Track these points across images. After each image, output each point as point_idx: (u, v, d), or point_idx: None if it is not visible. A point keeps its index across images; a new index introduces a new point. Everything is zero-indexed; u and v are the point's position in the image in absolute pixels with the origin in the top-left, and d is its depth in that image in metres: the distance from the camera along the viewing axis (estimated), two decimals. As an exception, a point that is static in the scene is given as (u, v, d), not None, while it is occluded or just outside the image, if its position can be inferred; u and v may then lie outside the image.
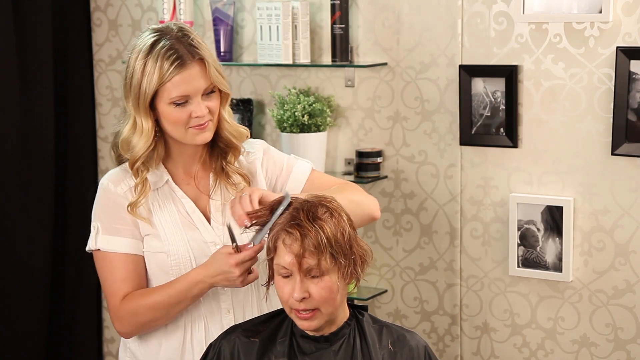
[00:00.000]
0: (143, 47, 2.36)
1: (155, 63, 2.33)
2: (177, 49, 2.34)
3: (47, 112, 3.84)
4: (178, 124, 2.37)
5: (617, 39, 3.02)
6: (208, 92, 2.38)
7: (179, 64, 2.33)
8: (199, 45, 2.36)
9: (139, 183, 2.43)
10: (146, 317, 2.41)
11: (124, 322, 2.43)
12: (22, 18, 3.72)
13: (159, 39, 2.36)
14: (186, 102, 2.36)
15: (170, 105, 2.36)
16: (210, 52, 2.39)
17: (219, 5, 3.59)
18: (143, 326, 2.44)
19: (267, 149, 2.57)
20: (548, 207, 3.18)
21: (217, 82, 2.38)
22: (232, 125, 2.45)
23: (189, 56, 2.34)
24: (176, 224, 2.44)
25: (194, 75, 2.35)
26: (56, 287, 3.97)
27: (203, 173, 2.49)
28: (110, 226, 2.44)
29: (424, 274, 3.44)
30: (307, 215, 2.16)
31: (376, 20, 3.40)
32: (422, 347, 2.27)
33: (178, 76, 2.33)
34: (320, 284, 2.14)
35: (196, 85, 2.35)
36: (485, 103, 3.25)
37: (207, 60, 2.36)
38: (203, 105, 2.37)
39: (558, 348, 3.25)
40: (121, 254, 2.43)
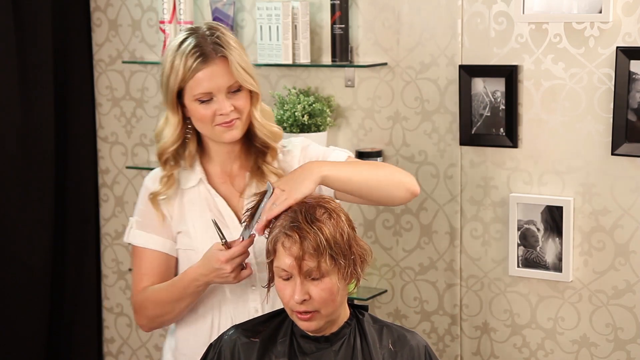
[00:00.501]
0: (174, 45, 2.41)
1: (180, 60, 2.38)
2: (201, 46, 2.37)
3: (47, 112, 3.84)
4: (204, 121, 2.41)
5: (617, 39, 3.02)
6: (234, 90, 2.40)
7: (201, 61, 2.37)
8: (225, 42, 2.38)
9: (164, 175, 2.49)
10: (153, 312, 2.47)
11: (137, 315, 2.52)
12: (22, 18, 3.72)
13: (187, 37, 2.40)
14: (210, 99, 2.39)
15: (195, 102, 2.40)
16: (238, 50, 2.40)
17: (219, 5, 3.59)
18: (153, 320, 2.49)
19: (307, 146, 2.56)
20: (548, 207, 3.18)
21: (241, 80, 2.39)
22: (264, 125, 2.46)
23: (212, 53, 2.37)
24: (206, 223, 2.47)
25: (217, 72, 2.37)
26: (56, 287, 3.97)
27: (240, 172, 2.51)
28: (142, 222, 2.53)
29: (424, 274, 3.44)
30: (306, 217, 2.16)
31: (376, 20, 3.40)
32: (423, 347, 2.27)
33: (201, 72, 2.37)
34: (321, 286, 2.14)
35: (219, 82, 2.37)
36: (485, 103, 3.25)
37: (230, 58, 2.37)
38: (228, 103, 2.39)
39: (558, 348, 3.25)
40: (148, 250, 2.51)
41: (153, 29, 3.83)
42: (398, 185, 2.44)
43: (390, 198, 2.45)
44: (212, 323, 2.50)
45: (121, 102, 3.96)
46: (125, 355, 4.12)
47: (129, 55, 3.91)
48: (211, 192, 2.49)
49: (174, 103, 2.43)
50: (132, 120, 3.95)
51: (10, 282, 3.76)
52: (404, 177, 2.46)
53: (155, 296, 2.46)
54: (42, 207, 3.86)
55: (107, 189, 4.05)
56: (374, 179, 2.42)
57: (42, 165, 3.85)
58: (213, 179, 2.51)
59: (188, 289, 2.41)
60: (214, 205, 2.48)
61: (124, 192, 4.01)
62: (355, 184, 2.39)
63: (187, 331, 2.52)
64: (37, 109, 3.81)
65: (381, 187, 2.42)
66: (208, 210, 2.48)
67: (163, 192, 2.49)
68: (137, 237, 2.52)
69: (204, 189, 2.49)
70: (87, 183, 4.03)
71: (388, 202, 2.48)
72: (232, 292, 2.48)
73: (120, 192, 4.02)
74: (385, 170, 2.46)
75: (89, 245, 4.06)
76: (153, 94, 3.88)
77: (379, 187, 2.42)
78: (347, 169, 2.40)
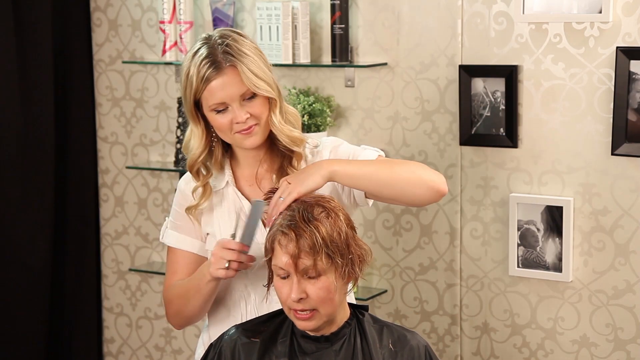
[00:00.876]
0: (189, 56, 2.41)
1: (194, 71, 2.38)
2: (212, 56, 2.36)
3: (47, 112, 3.84)
4: (222, 129, 2.42)
5: (617, 39, 3.02)
6: (248, 97, 2.38)
7: (212, 71, 2.36)
8: (235, 50, 2.36)
9: (198, 186, 2.51)
10: (177, 306, 2.51)
11: (166, 311, 2.57)
12: (22, 18, 3.72)
13: (200, 47, 2.39)
14: (226, 108, 2.39)
15: (212, 112, 2.40)
16: (251, 57, 2.38)
17: (219, 5, 3.59)
18: (178, 315, 2.53)
19: (337, 147, 2.52)
20: (548, 207, 3.18)
21: (252, 88, 2.36)
22: (282, 131, 2.43)
23: (222, 63, 2.36)
24: (231, 224, 2.47)
25: (228, 82, 2.36)
26: (56, 287, 3.98)
27: (267, 174, 2.51)
28: (175, 223, 2.56)
29: (424, 274, 3.44)
30: (303, 216, 2.16)
31: (376, 20, 3.40)
32: (423, 347, 2.27)
33: (213, 83, 2.36)
34: (318, 284, 2.15)
35: (230, 91, 2.36)
36: (485, 103, 3.25)
37: (239, 66, 2.35)
38: (242, 111, 2.38)
39: (558, 348, 3.25)
40: (179, 250, 2.55)
41: (153, 29, 3.83)
42: (418, 184, 2.37)
43: (411, 197, 2.39)
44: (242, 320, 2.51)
45: (121, 102, 3.96)
46: (125, 355, 4.12)
47: (129, 55, 3.91)
48: (238, 195, 2.50)
49: (193, 114, 2.44)
50: (132, 120, 3.95)
51: (10, 282, 3.76)
52: (428, 175, 2.39)
53: (178, 290, 2.51)
54: (42, 207, 3.86)
55: (107, 189, 4.05)
56: (389, 176, 2.37)
57: (42, 165, 3.85)
58: (241, 182, 2.52)
59: (201, 282, 2.43)
60: (240, 207, 2.49)
61: (124, 192, 4.01)
62: (366, 181, 2.36)
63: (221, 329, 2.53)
64: (37, 109, 3.81)
65: (398, 185, 2.37)
66: (234, 213, 2.49)
67: (201, 204, 2.51)
68: (169, 237, 2.56)
69: (232, 191, 2.50)
70: (87, 183, 4.03)
71: (410, 201, 2.42)
72: (256, 293, 2.49)
73: (120, 192, 4.02)
74: (406, 168, 2.40)
75: (89, 245, 4.06)
76: (153, 94, 3.88)
77: (395, 185, 2.37)
78: (360, 165, 2.37)
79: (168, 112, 3.86)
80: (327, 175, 2.32)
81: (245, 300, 2.51)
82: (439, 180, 2.39)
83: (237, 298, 2.52)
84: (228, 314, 2.55)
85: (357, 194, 2.46)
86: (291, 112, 2.50)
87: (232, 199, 2.50)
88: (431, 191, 2.38)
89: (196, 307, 2.48)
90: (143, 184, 3.96)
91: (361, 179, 2.36)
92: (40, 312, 3.89)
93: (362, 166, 2.38)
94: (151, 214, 3.96)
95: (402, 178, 2.38)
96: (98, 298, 4.12)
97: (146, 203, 3.96)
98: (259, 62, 2.40)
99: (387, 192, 2.39)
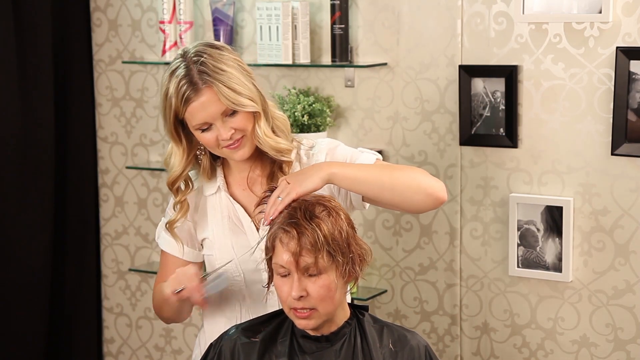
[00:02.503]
0: (167, 74, 2.38)
1: (173, 91, 2.36)
2: (189, 77, 2.34)
3: (47, 112, 3.84)
4: (210, 146, 2.41)
5: (617, 39, 3.02)
6: (230, 113, 2.36)
7: (190, 93, 2.34)
8: (210, 69, 2.33)
9: (177, 202, 2.50)
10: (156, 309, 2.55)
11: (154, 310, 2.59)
12: (22, 18, 3.72)
13: (179, 67, 2.36)
14: (210, 126, 2.38)
15: (197, 131, 2.39)
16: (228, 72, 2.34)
17: (219, 5, 3.59)
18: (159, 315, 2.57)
19: (333, 149, 2.50)
20: (548, 207, 3.18)
21: (232, 106, 2.34)
22: (268, 144, 2.41)
23: (198, 84, 2.33)
24: (224, 229, 2.49)
25: (206, 102, 2.34)
26: (56, 287, 3.98)
27: (259, 178, 2.51)
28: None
29: (423, 274, 3.44)
30: (305, 214, 2.16)
31: (376, 20, 3.40)
32: (423, 347, 2.27)
33: (192, 104, 2.35)
34: (319, 282, 2.15)
35: (211, 111, 2.35)
36: (485, 103, 3.25)
37: (215, 86, 2.32)
38: (226, 128, 2.36)
39: (558, 348, 3.25)
40: (169, 254, 2.56)
41: (153, 29, 3.83)
42: (417, 190, 2.36)
43: (409, 203, 2.38)
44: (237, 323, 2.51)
45: (121, 102, 3.96)
46: (125, 355, 4.12)
47: (128, 55, 3.91)
48: (230, 200, 2.49)
49: (173, 133, 2.42)
50: (132, 120, 3.95)
51: (10, 282, 3.76)
52: (427, 181, 2.37)
53: (157, 296, 2.53)
54: (42, 207, 3.86)
55: (107, 189, 4.05)
56: (388, 181, 2.35)
57: (42, 165, 3.85)
58: (233, 186, 2.52)
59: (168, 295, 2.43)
60: (233, 212, 2.49)
61: (123, 192, 4.01)
62: (365, 185, 2.35)
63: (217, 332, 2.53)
64: (37, 109, 3.81)
65: (397, 191, 2.35)
66: (227, 218, 2.49)
67: (179, 220, 2.51)
68: (162, 240, 2.57)
69: (224, 196, 2.50)
70: (87, 183, 4.03)
71: (408, 207, 2.40)
72: (252, 296, 2.50)
73: (120, 192, 4.02)
74: (406, 174, 2.39)
75: (89, 245, 4.06)
76: (153, 94, 3.88)
77: (394, 190, 2.35)
78: (359, 169, 2.36)
79: (168, 112, 3.85)
80: (326, 178, 2.31)
81: (240, 303, 2.52)
82: (438, 187, 2.38)
83: (232, 300, 2.53)
84: (223, 316, 2.55)
85: (354, 197, 2.45)
86: (279, 117, 2.48)
87: (225, 204, 2.50)
88: (430, 198, 2.37)
89: (170, 315, 2.52)
90: (143, 184, 3.96)
91: (360, 183, 2.35)
92: (40, 312, 3.89)
93: (362, 170, 2.36)
94: (151, 214, 3.96)
95: (402, 184, 2.36)
96: (98, 298, 4.12)
97: (146, 203, 3.96)
98: (239, 75, 2.36)
99: (386, 197, 2.38)
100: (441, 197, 2.38)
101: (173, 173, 2.46)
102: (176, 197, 2.49)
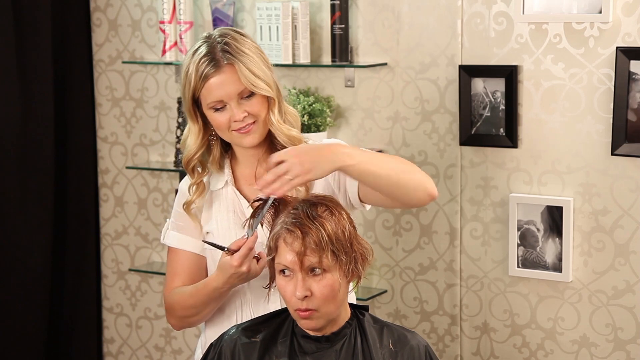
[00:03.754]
0: (189, 54, 2.43)
1: (193, 68, 2.39)
2: (211, 54, 2.38)
3: (47, 112, 3.84)
4: (220, 128, 2.43)
5: (616, 39, 3.02)
6: (246, 95, 2.39)
7: (210, 69, 2.37)
8: (233, 49, 2.37)
9: (193, 183, 2.52)
10: (180, 313, 2.52)
11: (168, 315, 2.57)
12: (22, 18, 3.72)
13: (201, 46, 2.41)
14: (224, 107, 2.40)
15: (210, 110, 2.42)
16: (250, 55, 2.38)
17: (219, 5, 3.59)
18: (182, 320, 2.54)
19: None
20: (548, 207, 3.18)
21: (249, 87, 2.37)
22: (281, 130, 2.44)
23: (221, 61, 2.37)
24: (230, 223, 2.49)
25: (225, 80, 2.37)
26: (56, 287, 3.98)
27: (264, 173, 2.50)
28: (176, 223, 2.56)
29: (423, 274, 3.44)
30: (307, 214, 2.17)
31: (376, 20, 3.40)
32: (423, 347, 2.27)
33: (211, 81, 2.38)
34: (322, 282, 2.15)
35: (228, 89, 2.38)
36: (485, 103, 3.25)
37: (237, 65, 2.36)
38: (240, 109, 2.39)
39: (558, 348, 3.25)
40: (180, 250, 2.55)
41: (153, 29, 3.83)
42: (419, 187, 2.38)
43: (409, 198, 2.39)
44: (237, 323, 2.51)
45: (121, 102, 3.96)
46: (125, 355, 4.12)
47: (128, 55, 3.91)
48: (237, 194, 2.50)
49: (191, 112, 2.45)
50: (132, 121, 3.95)
51: (10, 282, 3.76)
52: (424, 178, 2.40)
53: (183, 300, 2.50)
54: (42, 207, 3.86)
55: (107, 189, 4.05)
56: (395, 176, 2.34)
57: (42, 165, 3.85)
58: (240, 181, 2.53)
59: (212, 295, 2.44)
60: (239, 206, 2.50)
61: (123, 192, 4.01)
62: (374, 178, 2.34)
63: (216, 331, 2.54)
64: (37, 109, 3.81)
65: (401, 186, 2.35)
66: (233, 212, 2.50)
67: (195, 201, 2.52)
68: (171, 238, 2.56)
69: (231, 190, 2.51)
70: (87, 183, 4.03)
71: (407, 202, 2.42)
72: (253, 293, 2.49)
73: (120, 192, 4.02)
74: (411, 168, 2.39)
75: (89, 245, 4.06)
76: (153, 94, 3.88)
77: (399, 185, 2.35)
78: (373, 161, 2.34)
79: (168, 112, 3.86)
80: (338, 168, 2.30)
81: (241, 300, 2.52)
82: (432, 184, 2.41)
83: (234, 299, 2.53)
84: (223, 315, 2.55)
85: (352, 197, 2.46)
86: (291, 112, 2.51)
87: (231, 198, 2.51)
88: (426, 195, 2.39)
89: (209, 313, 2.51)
90: (143, 184, 3.96)
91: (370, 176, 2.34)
92: (40, 312, 3.89)
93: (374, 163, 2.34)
94: (151, 214, 3.96)
95: (407, 180, 2.36)
96: (98, 298, 4.12)
97: (146, 203, 3.96)
98: (258, 61, 2.41)
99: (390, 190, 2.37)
100: (435, 194, 2.41)
101: (188, 152, 2.49)
102: (192, 177, 2.51)
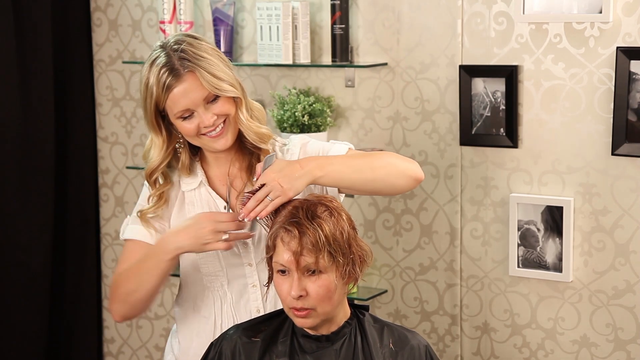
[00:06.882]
0: (146, 65, 2.40)
1: (154, 80, 2.37)
2: (170, 64, 2.35)
3: (47, 112, 3.84)
4: (190, 135, 2.41)
5: (617, 39, 3.02)
6: (211, 99, 2.38)
7: (171, 80, 2.35)
8: (191, 55, 2.35)
9: (153, 195, 2.50)
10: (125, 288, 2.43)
11: (112, 296, 2.48)
12: (22, 18, 3.72)
13: (158, 56, 2.38)
14: (192, 114, 2.38)
15: (178, 120, 2.40)
16: (208, 58, 2.37)
17: (219, 5, 3.59)
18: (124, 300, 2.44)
19: (306, 144, 2.53)
20: (548, 207, 3.18)
21: (214, 91, 2.36)
22: (250, 128, 2.44)
23: (180, 70, 2.35)
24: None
25: (188, 88, 2.35)
26: (56, 287, 3.98)
27: (239, 172, 2.51)
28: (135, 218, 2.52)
29: (424, 274, 3.44)
30: (306, 214, 2.17)
31: (376, 20, 3.40)
32: (424, 347, 2.27)
33: (174, 91, 2.35)
34: (318, 282, 2.15)
35: (193, 97, 2.36)
36: (485, 103, 3.25)
37: (197, 71, 2.34)
38: (208, 114, 2.38)
39: (558, 348, 3.25)
40: (139, 241, 2.50)
41: (153, 29, 3.83)
42: (399, 176, 2.42)
43: (391, 188, 2.44)
44: (215, 323, 2.50)
45: (121, 102, 3.96)
46: (125, 355, 4.12)
47: (129, 55, 3.91)
48: (212, 194, 2.49)
49: (154, 123, 2.42)
50: (132, 120, 3.95)
51: (10, 282, 3.76)
52: (406, 165, 2.43)
53: (131, 271, 2.44)
54: (42, 208, 3.86)
55: (107, 189, 4.05)
56: (370, 173, 2.39)
57: (42, 165, 3.85)
58: (214, 181, 2.52)
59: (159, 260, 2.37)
60: (214, 206, 2.49)
61: (124, 192, 4.01)
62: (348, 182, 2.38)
63: (190, 332, 2.53)
64: (37, 109, 3.81)
65: (378, 180, 2.40)
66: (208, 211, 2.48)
67: (152, 211, 2.49)
68: (131, 231, 2.52)
69: (205, 191, 2.50)
70: (87, 183, 4.03)
71: (390, 191, 2.47)
72: (233, 292, 2.49)
73: (120, 192, 4.02)
74: (383, 160, 2.43)
75: (89, 245, 4.06)
76: (153, 94, 3.88)
77: (375, 180, 2.40)
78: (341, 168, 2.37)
79: (168, 112, 3.86)
80: (311, 181, 2.33)
81: (221, 300, 2.50)
82: (416, 168, 2.44)
83: (211, 299, 2.51)
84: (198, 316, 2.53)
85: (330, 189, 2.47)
86: (256, 107, 2.51)
87: (206, 199, 2.50)
88: (411, 180, 2.43)
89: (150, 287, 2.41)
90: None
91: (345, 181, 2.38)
92: (40, 312, 3.89)
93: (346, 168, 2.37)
94: (151, 214, 3.95)
95: (383, 172, 2.40)
96: (98, 298, 4.12)
97: (146, 203, 3.96)
98: (218, 63, 2.39)
99: (369, 187, 2.43)
100: (420, 176, 2.45)
101: (151, 164, 2.47)
102: (153, 189, 2.49)
